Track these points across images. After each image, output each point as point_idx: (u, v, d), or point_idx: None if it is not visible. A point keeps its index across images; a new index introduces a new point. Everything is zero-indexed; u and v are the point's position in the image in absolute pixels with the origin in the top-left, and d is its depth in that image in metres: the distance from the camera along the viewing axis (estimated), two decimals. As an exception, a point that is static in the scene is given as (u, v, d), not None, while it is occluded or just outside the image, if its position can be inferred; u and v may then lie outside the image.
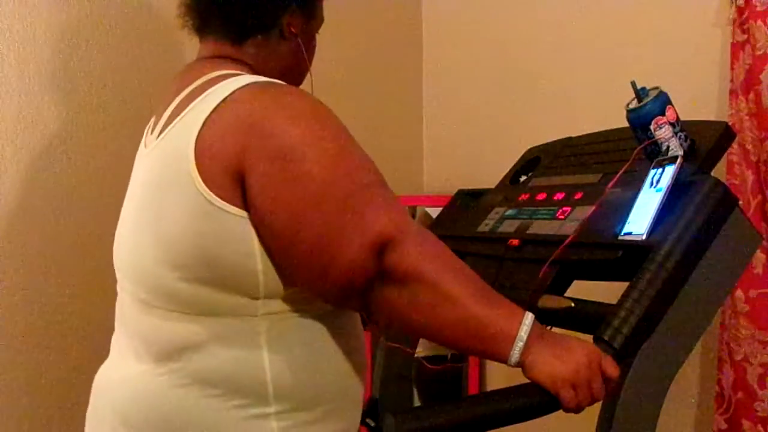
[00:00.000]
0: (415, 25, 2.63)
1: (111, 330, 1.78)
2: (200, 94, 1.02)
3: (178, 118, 1.03)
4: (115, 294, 1.77)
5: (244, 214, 0.97)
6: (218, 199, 0.96)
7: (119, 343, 1.13)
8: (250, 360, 1.00)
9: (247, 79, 1.02)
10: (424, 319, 0.96)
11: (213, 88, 1.02)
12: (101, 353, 1.78)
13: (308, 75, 1.23)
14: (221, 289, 0.99)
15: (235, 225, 0.97)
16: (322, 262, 0.95)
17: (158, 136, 1.07)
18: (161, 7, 1.87)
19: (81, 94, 1.78)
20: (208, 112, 0.99)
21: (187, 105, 1.03)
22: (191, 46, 1.20)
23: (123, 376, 1.08)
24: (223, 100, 0.99)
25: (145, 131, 1.17)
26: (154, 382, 1.02)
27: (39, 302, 1.71)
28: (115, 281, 1.77)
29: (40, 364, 1.71)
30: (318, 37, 1.23)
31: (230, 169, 0.96)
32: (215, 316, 1.00)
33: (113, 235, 1.78)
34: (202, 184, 0.96)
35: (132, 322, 1.09)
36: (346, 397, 1.08)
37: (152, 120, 1.15)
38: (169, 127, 1.04)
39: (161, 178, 1.02)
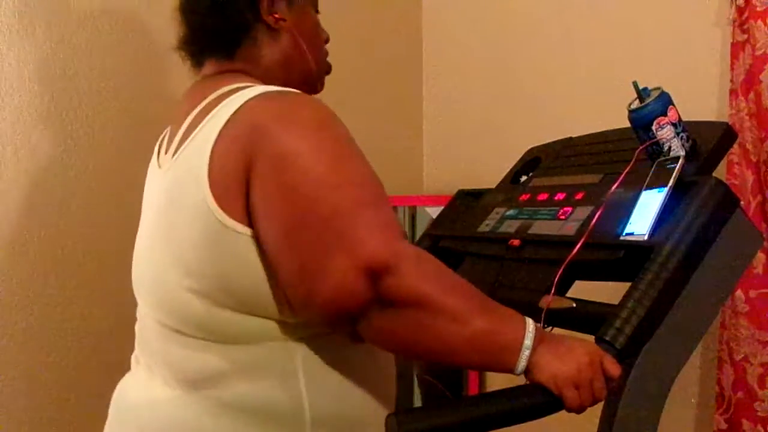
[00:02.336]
0: (415, 25, 2.63)
1: (111, 330, 1.79)
2: (212, 109, 1.00)
3: (192, 136, 1.01)
4: (115, 294, 1.77)
5: (248, 231, 0.94)
6: (229, 219, 0.93)
7: (141, 364, 1.10)
8: (286, 387, 0.98)
9: (258, 90, 1.00)
10: (429, 342, 0.93)
11: (224, 103, 0.99)
12: (101, 353, 1.78)
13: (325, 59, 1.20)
14: (245, 313, 0.96)
15: (242, 245, 0.94)
16: (306, 286, 0.91)
17: (173, 155, 1.04)
18: (161, 8, 1.86)
19: (81, 93, 1.78)
20: (219, 128, 0.96)
21: (200, 122, 1.01)
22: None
23: (151, 398, 1.04)
24: (234, 113, 0.97)
25: (156, 148, 1.15)
26: (187, 410, 0.99)
27: (39, 302, 1.71)
28: (115, 281, 1.77)
29: (40, 364, 1.71)
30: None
31: (236, 182, 0.93)
32: (243, 343, 0.98)
33: (113, 234, 1.79)
34: (214, 203, 0.94)
35: (156, 347, 1.06)
36: (375, 422, 1.03)
37: (165, 137, 1.13)
38: (183, 146, 1.02)
39: (177, 197, 1.00)
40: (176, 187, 1.01)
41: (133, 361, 1.14)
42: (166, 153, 1.09)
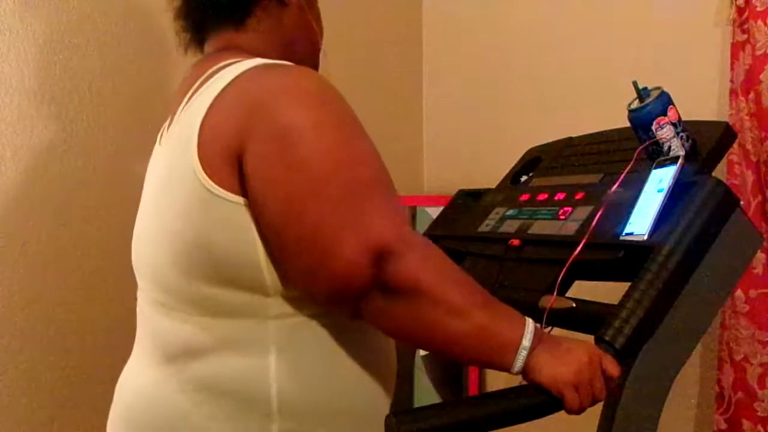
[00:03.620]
0: (415, 25, 2.63)
1: (111, 330, 1.79)
2: (207, 82, 0.99)
3: (186, 107, 1.00)
4: (115, 293, 1.77)
5: (242, 200, 0.92)
6: (215, 186, 0.92)
7: (138, 345, 1.10)
8: (257, 370, 0.95)
9: (256, 61, 0.98)
10: (427, 333, 0.92)
11: (219, 74, 0.98)
12: (101, 353, 1.78)
13: (322, 52, 1.18)
14: (229, 286, 0.94)
15: (233, 212, 0.92)
16: (314, 260, 0.90)
17: (169, 131, 1.05)
18: (160, 7, 1.86)
19: (81, 94, 1.78)
20: (213, 96, 0.95)
21: (195, 95, 1.00)
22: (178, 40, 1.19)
23: (137, 378, 1.05)
24: (229, 83, 0.95)
25: (161, 131, 1.14)
26: (159, 385, 0.99)
27: (39, 302, 1.71)
28: (115, 281, 1.77)
29: (40, 364, 1.71)
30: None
31: (228, 150, 0.92)
32: (226, 317, 0.96)
33: (113, 234, 1.79)
34: (201, 170, 0.92)
35: (148, 323, 1.06)
36: (362, 417, 1.01)
37: (168, 119, 1.13)
38: (178, 117, 1.02)
39: (170, 171, 0.99)
40: (169, 160, 1.00)
41: (135, 342, 1.13)
42: (167, 131, 1.08)
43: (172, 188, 0.97)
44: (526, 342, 0.93)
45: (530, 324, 0.95)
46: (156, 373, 1.01)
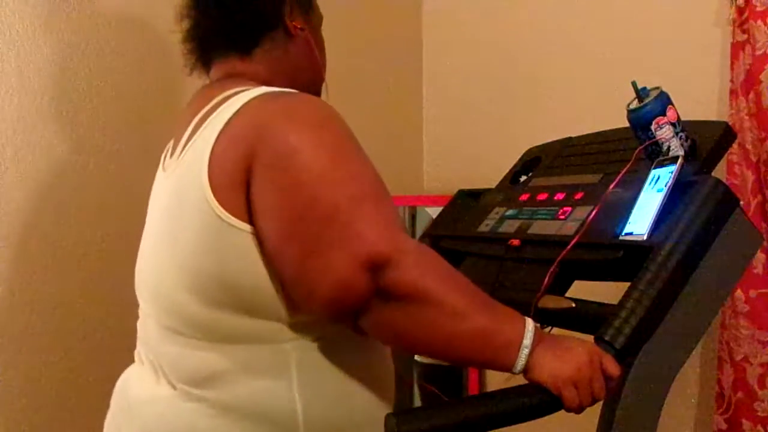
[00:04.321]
0: (415, 25, 2.63)
1: (111, 330, 1.79)
2: (214, 111, 1.01)
3: (195, 136, 1.02)
4: (115, 294, 1.77)
5: (248, 227, 0.94)
6: (227, 214, 0.94)
7: (142, 359, 1.10)
8: (279, 389, 0.98)
9: (261, 90, 1.01)
10: (428, 338, 0.93)
11: (226, 104, 1.00)
12: (101, 353, 1.78)
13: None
14: (243, 313, 0.97)
15: (241, 241, 0.94)
16: (308, 280, 0.91)
17: (177, 157, 1.05)
18: (161, 7, 1.86)
19: (81, 94, 1.78)
20: (221, 126, 0.97)
21: (203, 124, 1.01)
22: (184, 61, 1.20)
23: (151, 396, 1.05)
24: (236, 112, 0.97)
25: (163, 155, 1.15)
26: (183, 409, 1.00)
27: (39, 302, 1.71)
28: (115, 281, 1.77)
29: (40, 364, 1.71)
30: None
31: (237, 179, 0.94)
32: (241, 343, 0.98)
33: (113, 234, 1.79)
34: (213, 200, 0.94)
35: (157, 347, 1.06)
36: (377, 423, 1.02)
37: (170, 144, 1.14)
38: (187, 147, 1.03)
39: (179, 199, 1.00)
40: (179, 187, 1.01)
41: (137, 356, 1.14)
42: (171, 157, 1.09)
43: (185, 218, 0.98)
44: (527, 341, 0.94)
45: (530, 323, 0.96)
46: (175, 396, 1.01)
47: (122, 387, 1.13)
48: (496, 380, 2.35)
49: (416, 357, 2.32)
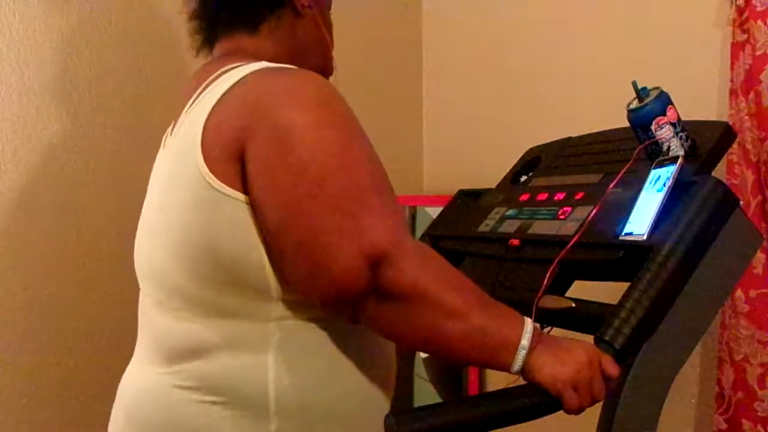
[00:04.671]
0: (415, 25, 2.63)
1: (111, 330, 1.79)
2: (211, 84, 1.00)
3: (190, 109, 1.01)
4: (115, 293, 1.77)
5: (243, 197, 0.93)
6: (219, 183, 0.92)
7: (140, 347, 1.11)
8: (255, 369, 0.96)
9: (261, 64, 0.99)
10: (426, 336, 0.93)
11: (223, 77, 0.99)
12: (101, 353, 1.78)
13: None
14: (233, 288, 0.95)
15: (236, 210, 0.93)
16: (311, 265, 0.90)
17: (175, 134, 1.05)
18: (161, 7, 1.86)
19: (81, 93, 1.78)
20: (217, 97, 0.96)
21: (199, 97, 1.01)
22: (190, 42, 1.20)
23: (138, 379, 1.06)
24: (233, 85, 0.96)
25: (165, 135, 1.15)
26: (159, 383, 1.00)
27: (39, 302, 1.71)
28: (115, 281, 1.77)
29: (40, 364, 1.71)
30: None
31: (231, 148, 0.92)
32: (227, 318, 0.96)
33: (113, 234, 1.79)
34: (205, 167, 0.93)
35: (150, 323, 1.07)
36: (364, 416, 1.02)
37: (172, 124, 1.13)
38: (183, 120, 1.03)
39: (173, 170, 1.00)
40: (173, 160, 1.01)
41: (137, 342, 1.14)
42: (171, 135, 1.09)
43: (177, 189, 0.98)
44: (525, 341, 0.93)
45: (529, 324, 0.96)
46: (157, 373, 1.02)
47: (121, 386, 1.13)
48: (496, 380, 2.35)
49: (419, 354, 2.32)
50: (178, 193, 0.97)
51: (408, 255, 0.91)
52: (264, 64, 1.00)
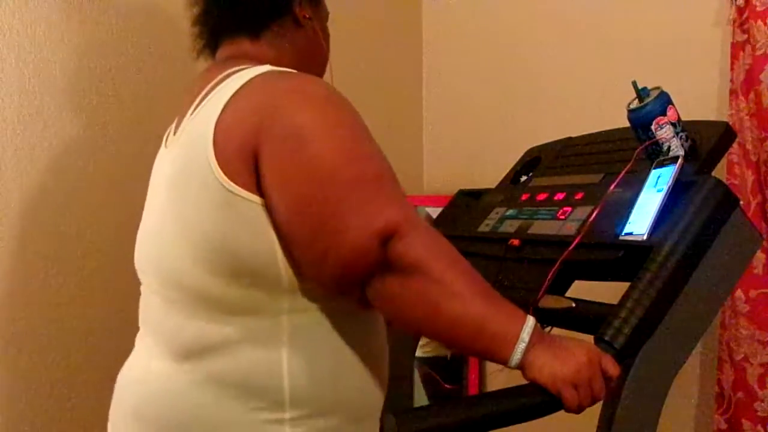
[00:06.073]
0: (415, 25, 2.63)
1: (111, 329, 1.79)
2: (218, 86, 1.02)
3: (198, 110, 1.03)
4: (115, 293, 1.77)
5: (258, 199, 0.95)
6: (233, 185, 0.95)
7: (142, 341, 1.12)
8: (268, 363, 0.98)
9: (266, 67, 1.02)
10: (426, 314, 0.94)
11: (230, 79, 1.02)
12: (101, 353, 1.78)
13: (327, 66, 1.22)
14: (245, 284, 0.98)
15: (250, 211, 0.95)
16: (323, 245, 0.93)
17: (181, 133, 1.06)
18: (161, 7, 1.86)
19: (81, 93, 1.78)
20: (226, 99, 0.98)
21: (207, 98, 1.03)
22: (191, 44, 1.20)
23: (143, 373, 1.07)
24: (242, 87, 0.99)
25: (166, 134, 1.16)
26: (171, 380, 1.01)
27: (39, 302, 1.71)
28: (115, 281, 1.77)
29: (40, 364, 1.71)
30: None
31: (244, 151, 0.95)
32: (240, 315, 0.99)
33: (113, 234, 1.78)
34: (219, 170, 0.95)
35: (157, 320, 1.08)
36: (366, 405, 1.06)
37: (173, 123, 1.15)
38: (190, 121, 1.04)
39: (183, 170, 1.01)
40: (183, 161, 1.02)
41: (137, 339, 1.15)
42: (174, 134, 1.10)
43: (188, 190, 0.99)
44: (525, 335, 0.94)
45: (531, 320, 0.96)
46: (167, 369, 1.03)
47: (121, 374, 1.14)
48: (496, 380, 2.35)
49: (417, 353, 2.32)
50: (190, 195, 0.99)
51: (419, 231, 0.94)
52: (268, 67, 1.03)
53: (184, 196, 1.01)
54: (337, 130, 0.97)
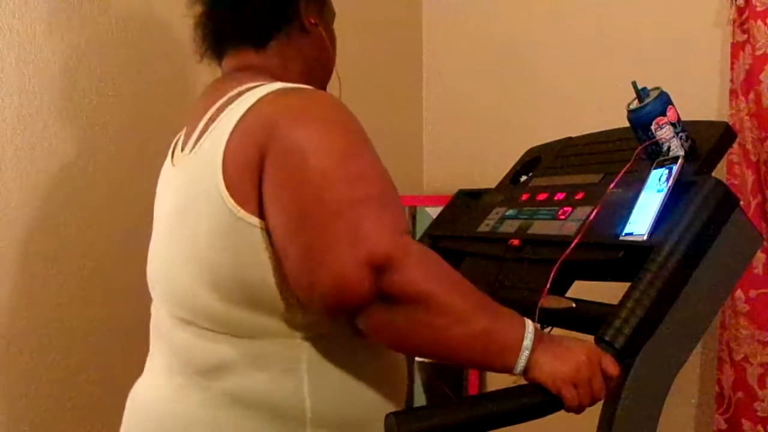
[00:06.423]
0: (415, 25, 2.63)
1: (111, 330, 1.79)
2: (229, 105, 1.01)
3: (208, 130, 1.02)
4: (115, 293, 1.77)
5: (259, 222, 0.95)
6: (242, 211, 0.94)
7: (154, 362, 1.11)
8: (289, 383, 0.98)
9: (275, 86, 1.01)
10: (430, 341, 0.93)
11: (241, 98, 1.01)
12: (101, 353, 1.78)
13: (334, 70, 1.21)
14: (256, 308, 0.97)
15: (255, 236, 0.95)
16: (308, 277, 0.91)
17: (190, 151, 1.05)
18: (162, 7, 1.86)
19: (81, 93, 1.78)
20: (235, 122, 0.97)
21: (217, 117, 1.02)
22: (191, 45, 1.20)
23: (157, 394, 1.06)
24: (249, 108, 0.98)
25: (171, 147, 1.16)
26: (188, 400, 1.00)
27: (39, 302, 1.71)
28: (115, 281, 1.77)
29: (40, 364, 1.71)
30: None
31: (249, 174, 0.94)
32: (253, 337, 0.98)
33: (113, 234, 1.79)
34: (228, 197, 0.94)
35: (169, 336, 1.07)
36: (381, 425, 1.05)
37: (180, 137, 1.14)
38: (200, 142, 1.03)
39: (194, 194, 1.01)
40: (193, 182, 1.02)
41: (148, 359, 1.14)
42: (182, 151, 1.09)
43: (200, 213, 0.99)
44: (527, 342, 0.94)
45: (530, 324, 0.96)
46: (179, 389, 1.02)
47: (132, 394, 1.13)
48: (496, 380, 2.35)
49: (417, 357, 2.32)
50: (201, 218, 0.98)
51: (412, 259, 0.91)
52: (278, 85, 1.02)
53: (193, 219, 1.00)
54: (330, 150, 0.94)
